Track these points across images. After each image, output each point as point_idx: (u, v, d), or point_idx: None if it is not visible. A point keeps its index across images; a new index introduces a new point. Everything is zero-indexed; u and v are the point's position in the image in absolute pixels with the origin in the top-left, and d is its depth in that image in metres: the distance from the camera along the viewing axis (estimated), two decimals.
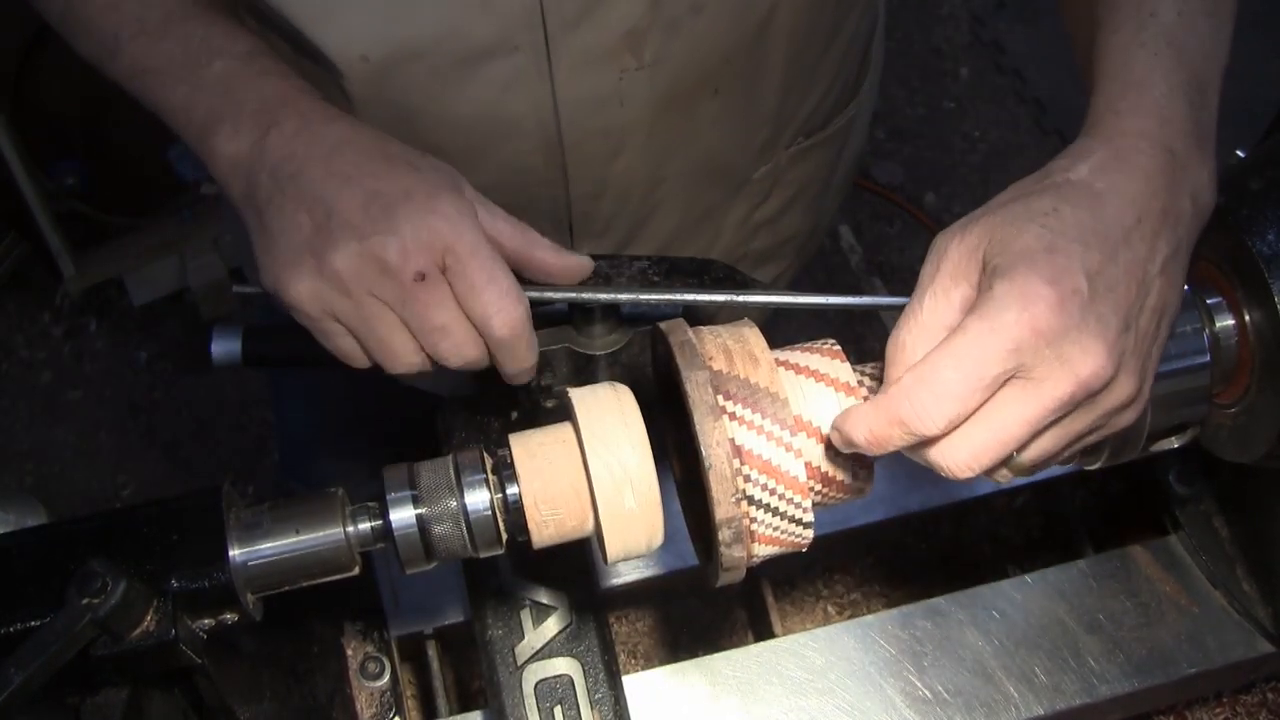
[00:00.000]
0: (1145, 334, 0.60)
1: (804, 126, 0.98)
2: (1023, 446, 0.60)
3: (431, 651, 1.00)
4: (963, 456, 0.59)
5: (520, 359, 0.71)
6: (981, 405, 0.58)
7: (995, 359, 0.56)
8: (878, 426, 0.59)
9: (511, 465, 0.64)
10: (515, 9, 0.74)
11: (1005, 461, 0.61)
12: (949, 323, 0.60)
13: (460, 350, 0.69)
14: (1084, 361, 0.57)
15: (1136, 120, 0.63)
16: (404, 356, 0.70)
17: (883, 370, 0.67)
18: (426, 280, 0.66)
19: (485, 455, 0.66)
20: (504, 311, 0.68)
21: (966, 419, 0.58)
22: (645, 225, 0.94)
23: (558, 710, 0.83)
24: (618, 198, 0.89)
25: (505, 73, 0.77)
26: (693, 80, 0.83)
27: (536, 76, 0.78)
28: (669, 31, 0.78)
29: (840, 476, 0.65)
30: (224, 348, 0.84)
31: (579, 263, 0.74)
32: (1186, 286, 0.66)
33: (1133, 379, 0.60)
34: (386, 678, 0.93)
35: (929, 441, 0.59)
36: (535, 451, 0.64)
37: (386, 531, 0.65)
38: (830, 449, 0.64)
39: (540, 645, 0.85)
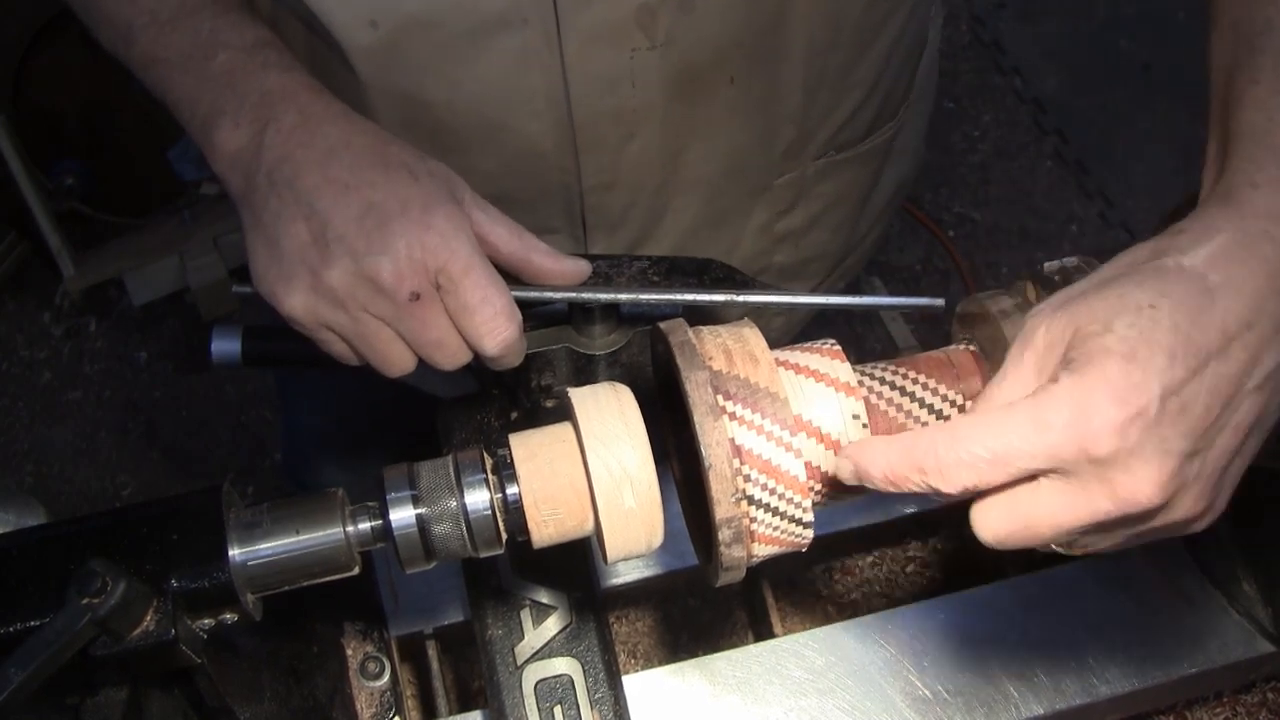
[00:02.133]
0: (1223, 453, 0.54)
1: (835, 138, 0.96)
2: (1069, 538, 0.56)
3: (431, 651, 1.00)
4: (988, 533, 0.56)
5: (508, 365, 0.73)
6: (1008, 485, 0.54)
7: (1028, 456, 0.52)
8: (900, 466, 0.55)
9: (511, 465, 0.64)
10: None
11: (1054, 544, 0.57)
12: None
13: (454, 359, 0.70)
14: (1130, 488, 0.52)
15: (1275, 197, 0.56)
16: (399, 364, 0.71)
17: (883, 370, 0.67)
18: (421, 299, 0.67)
19: (485, 455, 0.66)
20: (497, 332, 0.69)
21: (988, 492, 0.55)
22: (660, 222, 0.93)
23: (558, 710, 0.83)
24: (631, 188, 0.89)
25: (515, 46, 0.77)
26: (706, 64, 0.82)
27: (547, 52, 0.78)
28: (681, 10, 0.78)
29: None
30: (224, 348, 0.84)
31: (576, 267, 0.74)
32: None
33: (1198, 502, 0.54)
34: (386, 677, 0.93)
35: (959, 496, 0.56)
36: (535, 451, 0.64)
37: (386, 531, 0.64)
38: (830, 449, 0.64)
39: (540, 645, 0.85)
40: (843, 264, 1.12)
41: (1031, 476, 0.54)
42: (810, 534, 0.64)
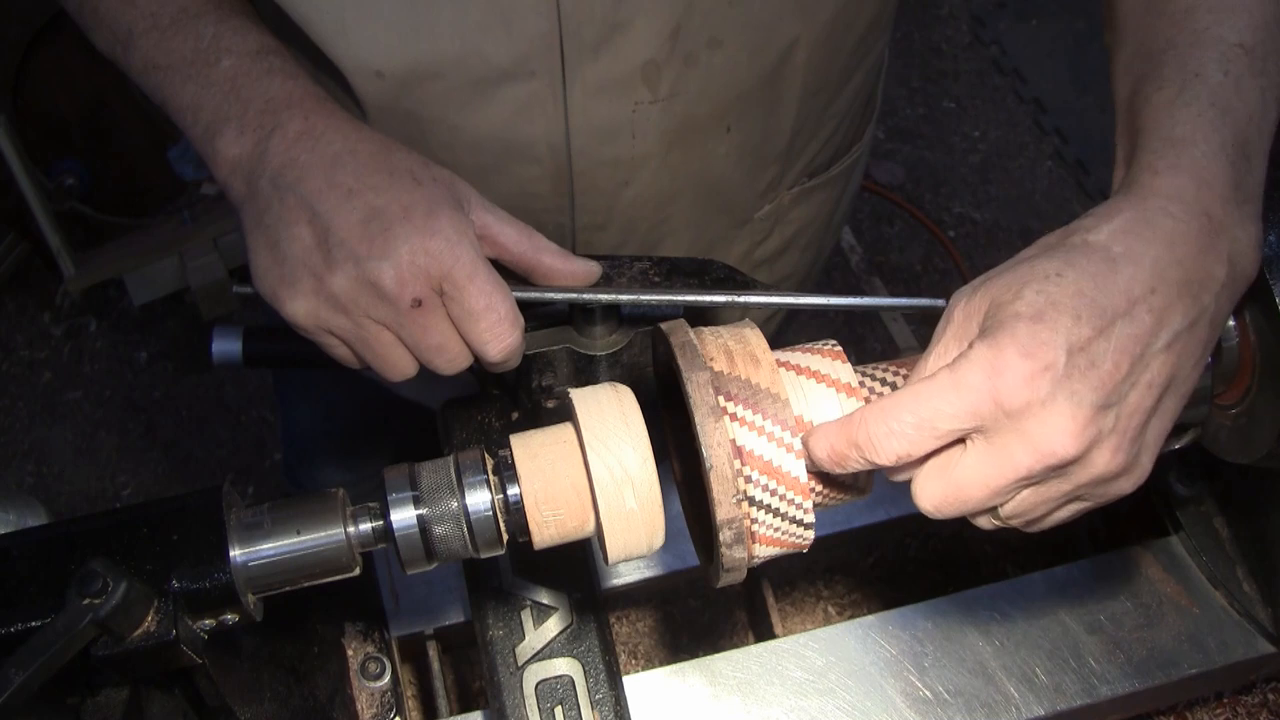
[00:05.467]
0: (1136, 410, 0.58)
1: (809, 167, 0.97)
2: (1001, 501, 0.60)
3: (432, 652, 1.00)
4: (926, 501, 0.60)
5: (508, 368, 0.73)
6: (938, 451, 0.59)
7: (949, 416, 0.57)
8: (839, 444, 0.60)
9: (512, 465, 0.64)
10: (534, 35, 0.74)
11: (989, 510, 0.61)
12: None
13: (454, 364, 0.70)
14: (1045, 438, 0.56)
15: (1173, 180, 0.61)
16: (400, 368, 0.71)
17: (884, 371, 0.67)
18: (423, 305, 0.67)
19: (486, 456, 0.66)
20: (501, 338, 0.69)
21: (919, 460, 0.59)
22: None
23: (558, 710, 0.83)
24: (623, 228, 0.90)
25: (520, 97, 0.77)
26: (706, 116, 0.83)
27: (551, 103, 0.78)
28: (686, 65, 0.78)
29: (841, 477, 0.65)
30: (224, 348, 0.84)
31: (586, 267, 0.74)
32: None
33: (1115, 455, 0.57)
34: (387, 678, 0.93)
35: (896, 472, 0.61)
36: (536, 452, 0.64)
37: (387, 532, 0.64)
38: None
39: (541, 646, 0.85)
40: (810, 277, 1.13)
41: (958, 442, 0.58)
42: (811, 535, 0.64)
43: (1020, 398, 0.55)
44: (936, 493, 0.59)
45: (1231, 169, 0.62)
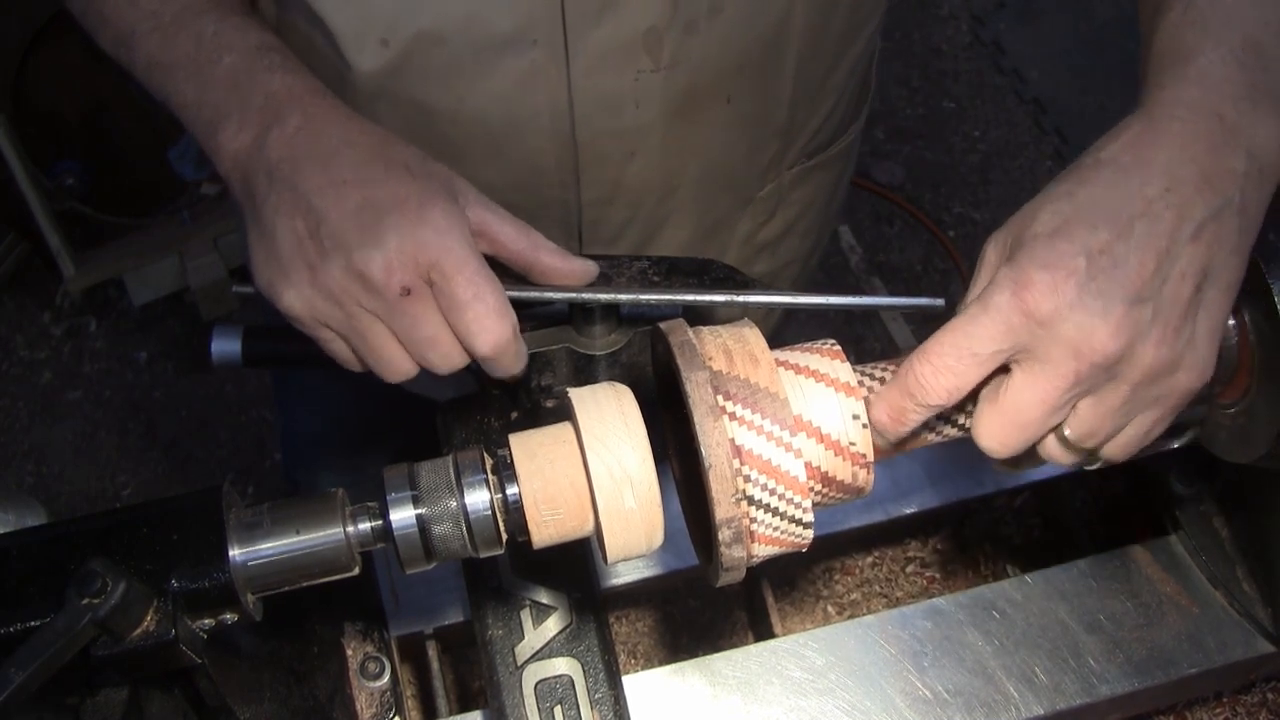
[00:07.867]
0: (1174, 300, 0.59)
1: (809, 145, 0.98)
2: (1059, 419, 0.61)
3: (431, 651, 1.00)
4: (988, 439, 0.62)
5: (506, 369, 0.72)
6: (985, 381, 0.61)
7: (986, 338, 0.59)
8: (893, 400, 0.62)
9: (511, 465, 0.64)
10: (536, 0, 0.74)
11: (1054, 433, 0.62)
12: None
13: (449, 360, 0.70)
14: (1082, 337, 0.58)
15: (1178, 90, 0.63)
16: (396, 365, 0.70)
17: (883, 370, 0.67)
18: (412, 295, 0.66)
19: (485, 455, 0.66)
20: (488, 330, 0.68)
21: (968, 392, 0.61)
22: (656, 237, 0.94)
23: (558, 710, 0.83)
24: (629, 204, 0.89)
25: (522, 67, 0.78)
26: (707, 85, 0.83)
27: (554, 72, 0.78)
28: (687, 33, 0.79)
29: (840, 476, 0.65)
30: (224, 348, 0.84)
31: (584, 266, 0.74)
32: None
33: (1160, 347, 0.59)
34: (386, 678, 0.93)
35: (951, 420, 0.62)
36: (535, 451, 0.64)
37: (386, 531, 0.64)
38: (830, 449, 0.64)
39: (540, 645, 0.85)
40: (808, 265, 1.14)
41: (1002, 370, 0.60)
42: (810, 534, 0.64)
43: (1047, 305, 0.57)
44: (994, 425, 0.61)
45: (1243, 71, 0.62)
